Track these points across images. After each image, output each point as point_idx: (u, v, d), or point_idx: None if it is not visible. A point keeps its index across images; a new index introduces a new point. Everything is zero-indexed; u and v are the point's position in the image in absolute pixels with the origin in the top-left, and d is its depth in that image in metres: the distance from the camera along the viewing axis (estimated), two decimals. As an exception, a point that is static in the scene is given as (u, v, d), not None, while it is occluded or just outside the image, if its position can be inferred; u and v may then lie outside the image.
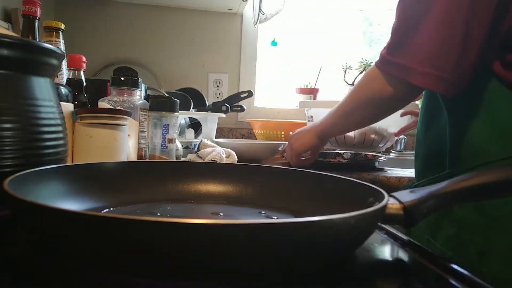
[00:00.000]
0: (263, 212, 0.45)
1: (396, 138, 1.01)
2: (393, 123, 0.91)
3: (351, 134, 0.89)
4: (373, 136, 0.89)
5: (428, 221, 0.63)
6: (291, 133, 0.92)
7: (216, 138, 1.25)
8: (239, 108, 1.34)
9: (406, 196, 0.36)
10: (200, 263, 0.25)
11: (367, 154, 0.94)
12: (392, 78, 0.61)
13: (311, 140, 0.83)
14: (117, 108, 0.77)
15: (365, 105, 0.69)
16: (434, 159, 0.66)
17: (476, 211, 0.58)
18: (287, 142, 0.92)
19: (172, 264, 0.25)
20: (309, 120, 0.97)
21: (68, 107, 0.68)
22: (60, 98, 0.67)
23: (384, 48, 0.62)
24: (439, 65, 0.55)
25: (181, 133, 1.20)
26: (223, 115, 1.28)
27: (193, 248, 0.24)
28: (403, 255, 0.38)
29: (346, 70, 1.68)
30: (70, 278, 0.28)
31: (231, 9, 1.64)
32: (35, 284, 0.28)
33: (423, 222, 0.63)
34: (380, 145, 0.92)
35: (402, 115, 0.91)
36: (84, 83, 0.87)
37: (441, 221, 0.62)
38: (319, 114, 0.90)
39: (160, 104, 0.75)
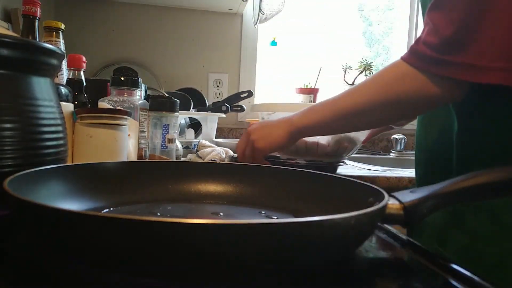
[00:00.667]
0: (263, 212, 0.45)
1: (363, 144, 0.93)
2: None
3: (324, 142, 0.78)
4: (347, 144, 0.82)
5: (436, 230, 0.61)
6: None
7: (216, 138, 1.25)
8: (239, 108, 1.34)
9: (406, 196, 0.36)
10: (200, 263, 0.25)
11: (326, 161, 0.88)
12: (441, 79, 0.53)
13: (282, 139, 0.67)
14: (117, 108, 0.77)
15: (390, 106, 0.59)
16: (438, 164, 0.64)
17: (491, 221, 0.54)
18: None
19: (172, 264, 0.25)
20: None
21: (68, 107, 0.68)
22: (60, 98, 0.67)
23: (426, 43, 0.54)
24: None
25: (181, 133, 1.20)
26: (223, 115, 1.28)
27: (193, 248, 0.24)
28: (403, 255, 0.38)
29: (346, 70, 1.68)
30: (70, 278, 0.28)
31: (231, 9, 1.64)
32: (35, 284, 0.28)
33: (430, 230, 0.62)
34: (345, 155, 0.85)
35: None
36: (84, 83, 0.87)
37: (451, 231, 0.59)
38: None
39: (160, 104, 0.75)
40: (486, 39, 0.50)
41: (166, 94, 1.23)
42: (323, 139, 0.78)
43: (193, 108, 1.35)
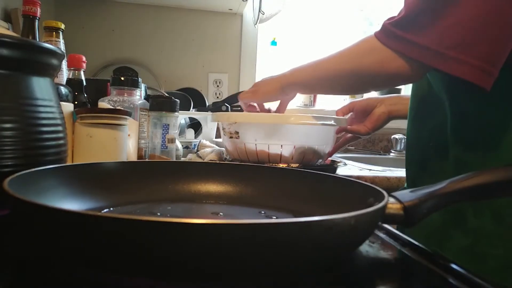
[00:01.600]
0: (263, 212, 0.45)
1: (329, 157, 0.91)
2: (331, 141, 0.83)
3: (287, 154, 0.78)
4: (311, 157, 0.81)
5: (436, 230, 0.60)
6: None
7: (216, 138, 1.25)
8: (239, 108, 1.34)
9: (406, 196, 0.36)
10: (200, 263, 0.25)
11: None
12: (399, 55, 0.54)
13: (275, 90, 0.76)
14: (117, 108, 0.77)
15: (353, 75, 0.62)
16: (429, 164, 0.63)
17: (495, 221, 0.53)
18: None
19: (172, 264, 0.25)
20: (231, 137, 0.81)
21: (68, 107, 0.68)
22: (60, 98, 0.67)
23: (393, 19, 0.55)
24: (480, 52, 0.49)
25: (181, 133, 1.20)
26: (223, 115, 1.28)
27: (193, 248, 0.24)
28: (403, 255, 0.38)
29: (346, 70, 1.68)
30: (70, 278, 0.28)
31: (231, 9, 1.64)
32: (35, 284, 0.28)
33: (429, 231, 0.61)
34: (316, 163, 0.84)
35: (338, 131, 0.84)
36: (84, 83, 0.87)
37: (451, 231, 0.58)
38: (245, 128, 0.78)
39: (160, 104, 0.75)
40: (447, 25, 0.50)
41: (166, 94, 1.23)
42: (287, 151, 0.78)
43: (193, 108, 1.35)
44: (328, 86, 0.70)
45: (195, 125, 1.32)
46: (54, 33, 0.86)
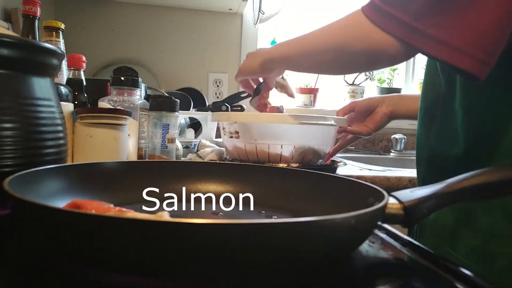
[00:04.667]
0: (263, 212, 0.45)
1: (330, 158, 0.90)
2: (331, 141, 0.82)
3: (287, 154, 0.77)
4: (311, 157, 0.81)
5: (446, 231, 0.59)
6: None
7: (216, 138, 1.25)
8: (239, 108, 1.34)
9: (406, 195, 0.36)
10: (200, 263, 0.25)
11: None
12: (382, 31, 0.52)
13: (256, 65, 0.72)
14: (117, 108, 0.77)
15: (338, 51, 0.59)
16: (439, 162, 0.63)
17: (505, 218, 0.52)
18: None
19: (172, 264, 0.25)
20: (231, 137, 0.80)
21: (68, 107, 0.68)
22: (60, 98, 0.67)
23: (391, 2, 0.52)
24: (472, 38, 0.47)
25: (181, 133, 1.20)
26: (223, 115, 1.28)
27: (193, 248, 0.24)
28: (403, 255, 0.38)
29: (346, 70, 1.68)
30: (70, 277, 0.28)
31: (231, 9, 1.64)
32: (35, 284, 0.28)
33: (441, 232, 0.61)
34: (317, 163, 0.84)
35: (339, 132, 0.82)
36: (84, 83, 0.87)
37: (462, 230, 0.56)
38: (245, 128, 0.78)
39: (160, 104, 0.75)
40: (465, 21, 0.48)
41: (166, 94, 1.23)
42: (287, 151, 0.77)
43: (193, 108, 1.35)
44: (313, 62, 0.65)
45: (195, 125, 1.32)
46: (54, 33, 0.86)
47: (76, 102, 0.81)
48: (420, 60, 1.79)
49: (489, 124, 0.55)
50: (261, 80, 0.80)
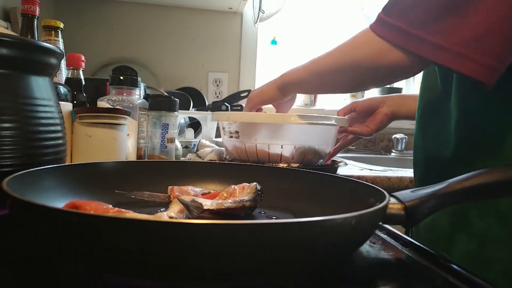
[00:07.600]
0: (263, 212, 0.45)
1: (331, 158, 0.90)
2: (331, 141, 0.82)
3: (287, 154, 0.77)
4: (311, 157, 0.81)
5: (442, 235, 0.59)
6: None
7: (216, 137, 1.25)
8: (239, 108, 1.34)
9: (407, 196, 0.36)
10: (200, 263, 0.25)
11: None
12: (400, 48, 0.52)
13: (272, 93, 0.75)
14: (116, 107, 0.76)
15: (350, 70, 0.60)
16: (436, 164, 0.62)
17: (499, 223, 0.52)
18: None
19: (172, 264, 0.25)
20: (231, 136, 0.80)
21: (67, 106, 0.68)
22: (59, 97, 0.67)
23: (395, 13, 0.53)
24: (485, 47, 0.46)
25: (181, 132, 1.20)
26: (223, 114, 1.28)
27: (193, 248, 0.24)
28: (403, 255, 0.38)
29: (346, 70, 1.68)
30: (70, 277, 0.28)
31: (231, 8, 1.64)
32: (34, 284, 0.28)
33: (436, 236, 0.60)
34: (317, 164, 0.84)
35: (340, 132, 0.82)
36: (83, 82, 0.86)
37: (457, 235, 0.56)
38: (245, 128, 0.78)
39: (159, 103, 0.75)
40: (423, 7, 0.49)
41: (166, 94, 1.23)
42: (287, 151, 0.77)
43: (192, 107, 1.35)
44: (326, 83, 0.67)
45: (195, 125, 1.31)
46: (53, 32, 0.86)
47: (75, 102, 0.81)
48: (420, 60, 1.79)
49: (481, 126, 0.55)
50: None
